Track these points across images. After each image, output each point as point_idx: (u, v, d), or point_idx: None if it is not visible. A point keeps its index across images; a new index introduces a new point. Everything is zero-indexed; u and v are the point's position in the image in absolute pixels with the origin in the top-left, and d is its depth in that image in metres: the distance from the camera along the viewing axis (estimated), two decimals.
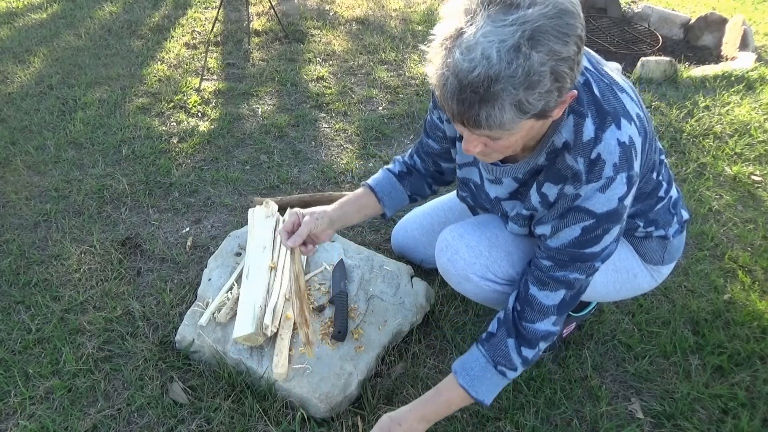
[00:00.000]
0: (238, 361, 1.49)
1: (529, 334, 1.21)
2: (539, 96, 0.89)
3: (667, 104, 2.90)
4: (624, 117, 1.07)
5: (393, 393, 1.50)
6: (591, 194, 1.07)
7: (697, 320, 1.73)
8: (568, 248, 1.14)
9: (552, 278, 1.18)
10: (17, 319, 1.70)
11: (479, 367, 1.25)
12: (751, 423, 1.45)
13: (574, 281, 1.17)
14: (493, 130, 0.93)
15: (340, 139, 2.64)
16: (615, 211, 1.08)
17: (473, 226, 1.35)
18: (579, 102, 1.06)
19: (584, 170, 1.07)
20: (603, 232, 1.11)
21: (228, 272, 1.73)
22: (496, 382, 1.26)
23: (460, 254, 1.32)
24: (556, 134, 1.09)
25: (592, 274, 1.19)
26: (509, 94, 0.87)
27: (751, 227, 2.12)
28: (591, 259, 1.15)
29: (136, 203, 2.20)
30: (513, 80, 0.86)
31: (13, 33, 3.71)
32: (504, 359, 1.23)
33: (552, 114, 0.97)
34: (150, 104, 2.88)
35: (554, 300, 1.19)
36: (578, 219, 1.10)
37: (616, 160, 1.05)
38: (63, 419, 1.43)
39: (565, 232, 1.13)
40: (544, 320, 1.20)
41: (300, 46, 3.55)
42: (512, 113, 0.90)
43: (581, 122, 1.06)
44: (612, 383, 1.57)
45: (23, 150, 2.50)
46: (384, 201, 1.50)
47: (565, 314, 1.22)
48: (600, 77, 1.11)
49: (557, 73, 0.88)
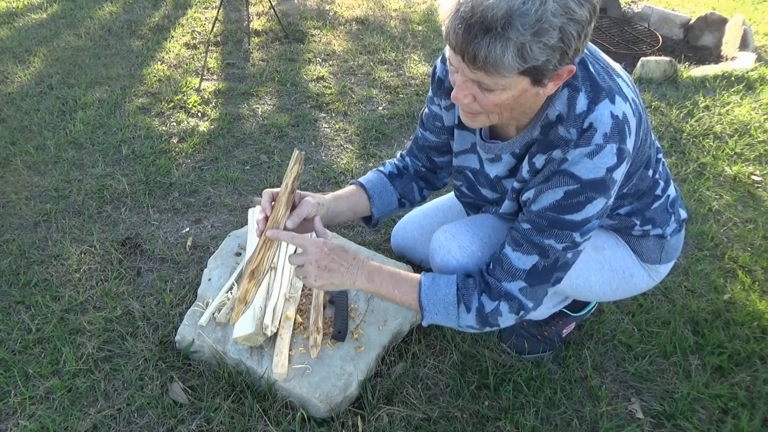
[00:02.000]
0: (238, 361, 1.49)
1: (494, 285, 1.20)
2: (543, 47, 0.90)
3: (667, 104, 2.90)
4: (618, 95, 1.08)
5: (393, 393, 1.50)
6: (578, 159, 1.06)
7: (697, 320, 1.73)
8: (548, 211, 1.13)
9: (527, 240, 1.16)
10: (17, 319, 1.70)
11: (446, 282, 1.24)
12: (751, 423, 1.45)
13: (548, 248, 1.15)
14: (489, 71, 0.94)
15: (340, 139, 2.64)
16: (601, 181, 1.07)
17: (466, 227, 1.35)
18: (574, 76, 1.08)
19: (575, 138, 1.07)
20: (586, 200, 1.09)
21: (228, 272, 1.73)
22: (447, 306, 1.22)
23: (453, 254, 1.32)
24: (550, 107, 1.11)
25: (572, 247, 1.16)
26: (516, 33, 0.88)
27: (751, 227, 2.12)
28: (570, 227, 1.13)
29: (136, 203, 2.20)
30: (523, 20, 0.87)
31: (13, 33, 3.71)
32: (466, 291, 1.22)
33: (546, 82, 0.99)
34: (150, 104, 2.88)
35: (525, 264, 1.17)
36: (562, 182, 1.09)
37: (607, 130, 1.05)
38: (63, 419, 1.43)
39: (548, 194, 1.11)
40: (510, 282, 1.18)
41: (300, 46, 3.55)
42: (513, 56, 0.91)
43: (575, 95, 1.08)
44: (612, 383, 1.57)
45: (23, 150, 2.50)
46: (374, 200, 1.48)
47: (537, 287, 1.19)
48: (596, 60, 1.13)
49: (565, 32, 0.90)
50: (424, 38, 3.72)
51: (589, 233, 1.16)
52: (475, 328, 1.24)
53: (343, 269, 1.23)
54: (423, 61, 3.40)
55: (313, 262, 1.21)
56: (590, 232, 1.16)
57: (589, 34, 0.95)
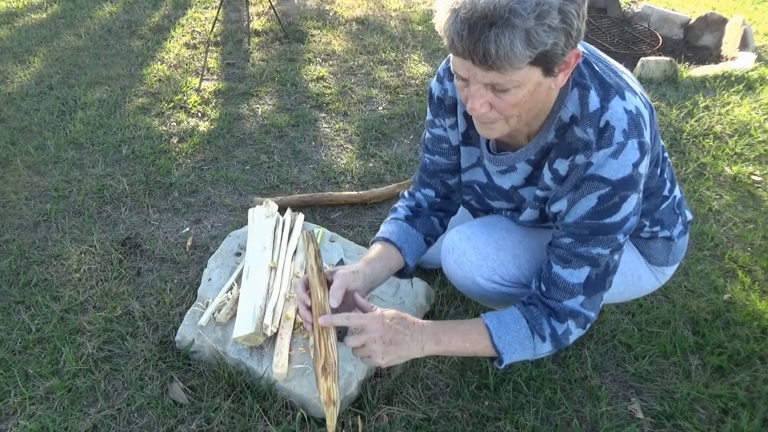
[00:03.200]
0: (238, 361, 1.49)
1: (558, 308, 1.17)
2: (548, 30, 0.90)
3: (667, 104, 2.90)
4: (627, 90, 1.09)
5: (393, 393, 1.50)
6: (603, 161, 1.05)
7: (697, 320, 1.73)
8: (586, 220, 1.11)
9: (574, 254, 1.14)
10: (17, 319, 1.70)
11: (511, 316, 1.19)
12: (751, 423, 1.45)
13: (597, 257, 1.14)
14: (502, 66, 0.93)
15: (340, 139, 2.64)
16: (630, 178, 1.06)
17: (481, 228, 1.33)
18: (582, 75, 1.08)
19: (594, 139, 1.06)
20: (620, 199, 1.08)
21: (228, 272, 1.73)
22: (522, 341, 1.18)
23: (467, 256, 1.31)
24: (562, 109, 1.09)
25: (617, 249, 1.14)
26: (519, 19, 0.88)
27: (751, 227, 2.12)
28: (612, 230, 1.11)
29: (136, 203, 2.20)
30: (524, 4, 0.88)
31: (13, 33, 3.71)
32: (535, 321, 1.18)
33: (557, 72, 0.98)
34: (150, 104, 2.88)
35: (579, 278, 1.15)
36: (593, 188, 1.07)
37: (624, 126, 1.05)
38: (63, 419, 1.43)
39: (582, 203, 1.10)
40: (570, 299, 1.16)
41: (300, 46, 3.55)
42: (521, 44, 0.90)
43: (586, 94, 1.07)
44: (612, 383, 1.57)
45: (23, 150, 2.50)
46: (404, 250, 1.37)
47: (595, 296, 1.18)
48: (598, 60, 1.13)
49: (565, 12, 0.90)
50: (424, 38, 3.72)
51: (630, 230, 1.15)
52: (551, 352, 1.23)
53: (408, 338, 1.13)
54: (423, 61, 3.40)
55: (377, 339, 1.10)
56: (632, 229, 1.15)
57: (585, 15, 0.95)
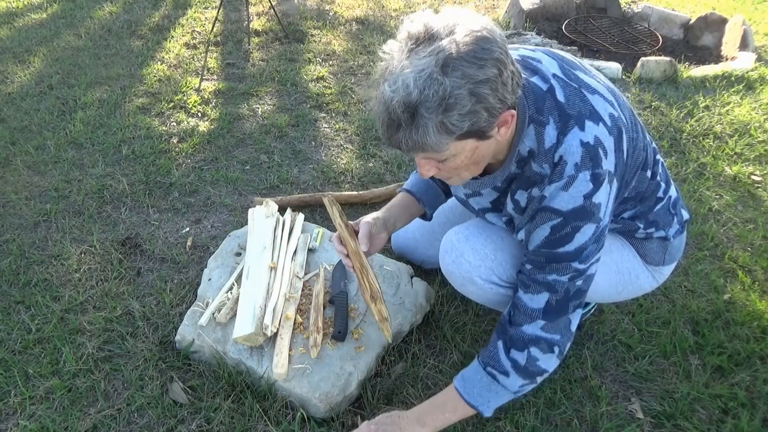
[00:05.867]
0: (238, 361, 1.49)
1: (516, 335, 1.21)
2: (461, 117, 0.96)
3: (667, 104, 2.90)
4: (589, 119, 1.10)
5: (393, 393, 1.50)
6: (555, 193, 1.09)
7: (697, 320, 1.73)
8: (542, 249, 1.15)
9: (533, 280, 1.18)
10: (17, 319, 1.70)
11: (472, 369, 1.28)
12: (751, 423, 1.45)
13: (554, 283, 1.16)
14: (426, 151, 1.01)
15: (340, 139, 2.64)
16: (582, 209, 1.09)
17: (479, 229, 1.35)
18: (539, 111, 1.11)
19: (548, 173, 1.10)
20: (573, 230, 1.11)
21: (228, 272, 1.73)
22: (488, 387, 1.25)
23: (465, 257, 1.32)
24: (521, 143, 1.14)
25: (578, 276, 1.17)
26: (428, 118, 0.95)
27: (751, 227, 2.12)
28: (566, 259, 1.14)
29: (136, 203, 2.20)
30: (428, 104, 0.94)
31: (13, 33, 3.71)
32: (492, 360, 1.24)
33: (493, 133, 1.03)
34: (150, 104, 2.88)
35: (538, 303, 1.18)
36: (546, 218, 1.12)
37: (577, 159, 1.08)
38: (63, 419, 1.43)
39: (537, 233, 1.15)
40: (531, 324, 1.19)
41: (300, 46, 3.55)
42: (437, 134, 0.97)
43: (542, 130, 1.11)
44: (612, 383, 1.57)
45: (23, 150, 2.50)
46: (423, 200, 1.54)
47: (558, 321, 1.19)
48: (567, 83, 1.13)
49: (478, 95, 0.95)
50: None
51: (591, 258, 1.16)
52: (528, 384, 1.25)
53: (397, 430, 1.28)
54: None
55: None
56: (593, 257, 1.17)
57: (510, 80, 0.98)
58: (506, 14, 3.93)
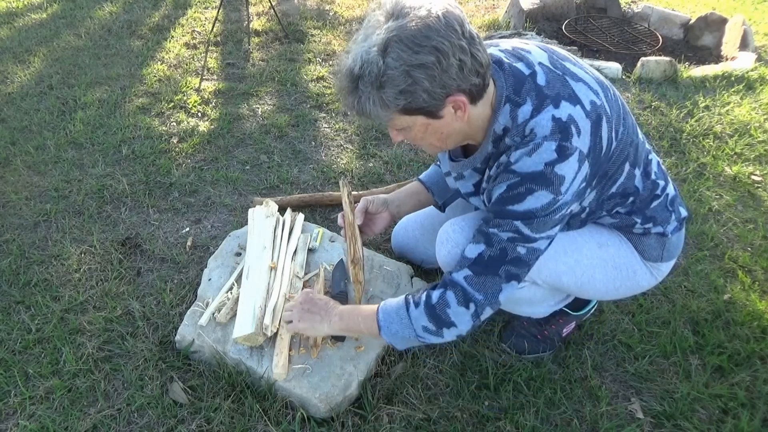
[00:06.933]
0: (238, 361, 1.49)
1: (445, 278, 1.26)
2: (396, 94, 1.05)
3: (667, 104, 2.90)
4: (567, 100, 1.13)
5: (393, 393, 1.50)
6: (519, 158, 1.13)
7: (697, 320, 1.73)
8: (494, 205, 1.19)
9: (478, 231, 1.23)
10: (17, 319, 1.70)
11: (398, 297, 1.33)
12: (751, 423, 1.45)
13: (492, 236, 1.19)
14: (371, 118, 1.11)
15: (340, 139, 2.64)
16: (541, 174, 1.11)
17: (474, 220, 1.36)
18: (516, 92, 1.16)
19: (518, 143, 1.15)
20: (526, 191, 1.13)
21: (228, 272, 1.73)
22: (397, 311, 1.29)
23: (461, 247, 1.32)
24: (496, 122, 1.18)
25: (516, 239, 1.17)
26: (364, 91, 1.06)
27: (751, 227, 2.12)
28: (511, 216, 1.16)
29: (136, 203, 2.20)
30: (365, 79, 1.05)
31: (13, 33, 3.72)
32: (415, 293, 1.29)
33: (445, 113, 1.10)
34: (150, 104, 2.88)
35: (473, 252, 1.21)
36: (505, 178, 1.16)
37: (546, 132, 1.11)
38: (63, 419, 1.43)
39: (495, 191, 1.19)
40: (459, 271, 1.23)
41: (300, 46, 3.55)
42: (375, 107, 1.08)
43: (516, 109, 1.15)
44: (612, 383, 1.57)
45: (23, 150, 2.50)
46: (432, 189, 1.64)
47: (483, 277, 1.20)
48: (551, 69, 1.18)
49: (414, 77, 1.03)
50: None
51: (541, 231, 1.17)
52: (432, 331, 1.25)
53: (322, 312, 1.41)
54: None
55: (299, 304, 1.43)
56: (543, 230, 1.17)
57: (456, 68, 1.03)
58: (506, 14, 3.93)
